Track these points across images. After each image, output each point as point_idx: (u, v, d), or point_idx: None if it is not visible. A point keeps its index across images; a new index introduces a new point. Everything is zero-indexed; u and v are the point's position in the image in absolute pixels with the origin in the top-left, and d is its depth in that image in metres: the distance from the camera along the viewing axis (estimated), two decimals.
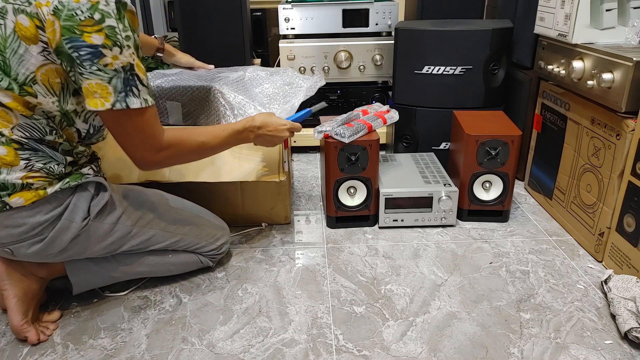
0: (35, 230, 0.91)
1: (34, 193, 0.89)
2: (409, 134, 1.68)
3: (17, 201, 0.88)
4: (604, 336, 0.99)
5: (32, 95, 0.85)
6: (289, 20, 1.82)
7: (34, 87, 0.85)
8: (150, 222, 1.06)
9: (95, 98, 0.84)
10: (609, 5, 1.22)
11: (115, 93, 0.84)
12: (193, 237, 1.13)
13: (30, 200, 0.89)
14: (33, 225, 0.90)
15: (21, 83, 0.84)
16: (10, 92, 0.84)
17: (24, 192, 0.88)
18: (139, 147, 0.91)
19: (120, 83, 0.84)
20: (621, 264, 1.14)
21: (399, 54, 1.60)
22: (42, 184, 0.90)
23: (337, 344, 0.98)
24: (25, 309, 1.01)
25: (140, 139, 0.90)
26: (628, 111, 1.10)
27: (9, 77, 0.83)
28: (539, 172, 1.52)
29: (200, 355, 0.96)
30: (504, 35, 1.53)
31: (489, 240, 1.34)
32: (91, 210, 0.96)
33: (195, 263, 1.17)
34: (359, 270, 1.22)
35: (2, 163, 0.86)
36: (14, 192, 0.88)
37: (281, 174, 1.29)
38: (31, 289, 1.02)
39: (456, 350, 0.96)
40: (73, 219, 0.94)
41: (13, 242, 0.91)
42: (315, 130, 1.33)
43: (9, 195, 0.87)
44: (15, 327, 0.99)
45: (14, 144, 0.87)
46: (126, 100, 0.85)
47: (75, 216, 0.94)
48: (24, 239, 0.91)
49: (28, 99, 0.85)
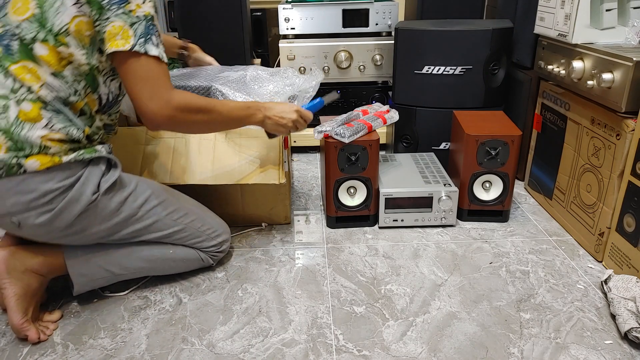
0: (45, 198, 0.92)
1: (50, 158, 0.91)
2: (409, 134, 1.68)
3: (33, 164, 0.90)
4: (604, 336, 0.99)
5: (65, 46, 0.91)
6: (289, 20, 1.82)
7: (67, 39, 0.91)
8: (156, 208, 1.07)
9: (117, 40, 0.91)
10: (609, 5, 1.22)
11: (136, 37, 0.91)
12: (195, 230, 1.14)
13: (45, 165, 0.91)
14: (44, 192, 0.92)
15: (55, 33, 0.90)
16: (45, 44, 0.91)
17: (41, 155, 0.91)
18: (151, 98, 0.94)
19: (142, 29, 0.92)
20: (621, 264, 1.14)
21: (399, 54, 1.60)
22: (59, 150, 0.93)
23: (337, 344, 0.98)
24: (25, 307, 1.00)
25: (153, 88, 0.94)
26: (628, 111, 1.10)
27: (44, 28, 0.90)
28: (539, 172, 1.52)
29: (200, 355, 0.96)
30: (504, 35, 1.53)
31: (489, 240, 1.34)
32: (101, 185, 0.98)
33: (196, 260, 1.17)
34: (359, 270, 1.22)
35: (25, 118, 0.90)
36: (31, 154, 0.90)
37: (281, 176, 1.29)
38: (31, 287, 1.02)
39: (456, 350, 0.96)
40: (84, 192, 0.96)
41: (22, 211, 0.92)
42: (315, 130, 1.33)
43: (26, 157, 0.90)
44: (15, 326, 0.99)
45: (39, 102, 0.91)
46: (145, 46, 0.92)
47: (86, 189, 0.96)
48: (33, 206, 0.92)
49: (61, 49, 0.91)
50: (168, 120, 0.97)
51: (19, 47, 0.91)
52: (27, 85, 0.91)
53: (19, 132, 0.89)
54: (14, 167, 0.89)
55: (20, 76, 0.91)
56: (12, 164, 0.89)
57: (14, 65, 0.91)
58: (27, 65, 0.91)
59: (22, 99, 0.90)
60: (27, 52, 0.91)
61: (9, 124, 0.89)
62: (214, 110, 1.04)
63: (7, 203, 0.91)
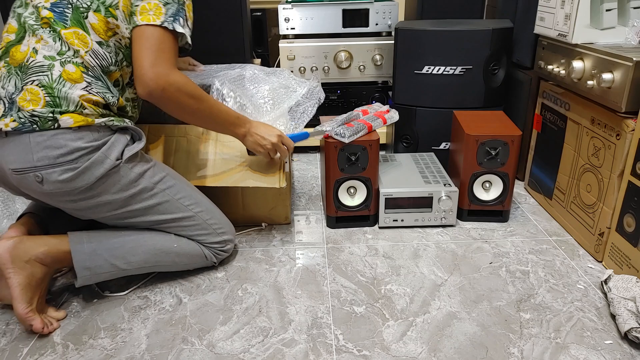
0: (72, 155, 0.97)
1: (83, 118, 0.98)
2: (409, 134, 1.68)
3: (67, 121, 0.96)
4: (604, 336, 0.99)
5: (114, 17, 1.00)
6: (289, 20, 1.82)
7: (116, 12, 1.00)
8: (170, 188, 1.11)
9: (149, 15, 1.00)
10: (609, 5, 1.22)
11: (167, 15, 1.00)
12: (202, 221, 1.15)
13: (78, 124, 0.97)
14: (72, 149, 0.96)
15: (108, 5, 1.00)
16: (98, 14, 1.00)
17: (75, 114, 0.97)
18: (153, 65, 0.99)
19: (173, 9, 1.02)
20: (621, 264, 1.14)
21: (399, 54, 1.61)
22: (92, 112, 0.99)
23: (337, 344, 0.98)
24: (30, 297, 1.01)
25: (159, 57, 1.00)
26: (628, 111, 1.10)
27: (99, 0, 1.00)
28: (539, 172, 1.52)
29: (200, 355, 0.96)
30: (504, 35, 1.53)
31: (489, 240, 1.34)
32: (125, 153, 1.03)
33: (199, 257, 1.17)
34: (359, 270, 1.22)
35: (68, 77, 0.97)
36: (67, 111, 0.96)
37: (282, 180, 1.29)
38: (35, 277, 1.02)
39: (456, 350, 0.96)
40: (108, 155, 1.00)
41: (48, 166, 0.96)
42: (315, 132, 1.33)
43: (61, 114, 0.96)
44: (20, 315, 1.00)
45: (82, 66, 0.99)
46: (173, 23, 1.01)
47: (111, 153, 1.01)
48: (59, 162, 0.96)
49: (110, 20, 1.00)
50: (160, 91, 1.00)
51: (72, 14, 0.99)
52: (75, 49, 0.98)
53: (60, 88, 0.96)
54: (49, 121, 0.95)
55: (69, 40, 0.98)
56: (47, 118, 0.95)
57: (65, 30, 0.98)
58: (78, 31, 0.99)
59: (67, 61, 0.98)
60: (80, 19, 0.99)
61: (52, 80, 0.97)
62: (205, 103, 1.08)
63: (36, 157, 0.95)
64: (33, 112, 0.95)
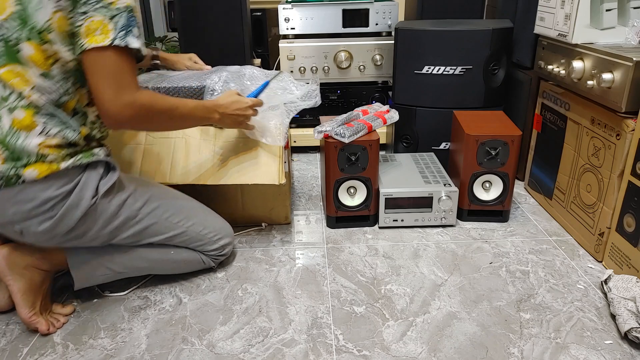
0: (46, 206, 0.92)
1: (48, 166, 0.91)
2: (409, 134, 1.68)
3: (32, 173, 0.89)
4: (604, 336, 0.99)
5: (49, 43, 0.88)
6: (289, 20, 1.82)
7: (50, 35, 0.88)
8: (155, 210, 1.07)
9: (96, 35, 0.86)
10: (609, 5, 1.22)
11: (116, 30, 0.87)
12: (195, 233, 1.13)
13: (43, 174, 0.90)
14: (44, 200, 0.92)
15: (39, 30, 0.87)
16: (31, 42, 0.88)
17: (38, 164, 0.90)
18: (116, 96, 0.89)
19: (122, 20, 0.88)
20: (621, 264, 1.14)
21: (399, 54, 1.60)
22: (56, 157, 0.92)
23: (337, 344, 0.98)
24: (32, 301, 1.02)
25: (120, 85, 0.89)
26: (628, 111, 1.10)
27: (27, 26, 0.88)
28: (539, 172, 1.52)
29: (200, 355, 0.96)
30: (504, 35, 1.53)
31: (489, 240, 1.34)
32: (99, 188, 0.98)
33: (197, 262, 1.17)
34: (359, 270, 1.22)
35: (20, 126, 0.89)
36: (29, 163, 0.89)
37: (281, 177, 1.29)
38: (35, 282, 1.03)
39: (456, 350, 0.96)
40: (82, 196, 0.95)
41: (23, 219, 0.92)
42: (315, 130, 1.33)
43: (24, 167, 0.89)
44: (24, 320, 1.01)
45: (31, 108, 0.90)
46: (126, 38, 0.88)
47: (85, 193, 0.96)
48: (34, 214, 0.92)
49: (46, 47, 0.89)
50: (130, 120, 0.93)
51: (3, 49, 0.89)
52: (18, 90, 0.89)
53: (15, 141, 0.88)
54: (13, 178, 0.89)
55: (9, 81, 0.89)
56: (10, 175, 0.89)
57: (2, 70, 0.89)
58: (14, 68, 0.89)
59: (13, 107, 0.89)
60: (13, 54, 0.89)
61: (4, 134, 0.89)
62: (177, 109, 1.01)
63: (9, 212, 0.91)
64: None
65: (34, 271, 1.03)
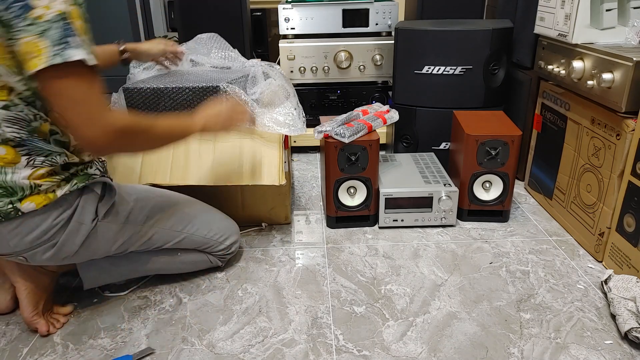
0: (46, 235, 0.91)
1: (44, 197, 0.89)
2: (409, 134, 1.68)
3: (29, 206, 0.87)
4: (604, 336, 0.99)
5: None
6: (289, 20, 1.82)
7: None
8: (159, 221, 1.07)
9: (32, 59, 0.74)
10: (609, 5, 1.22)
11: (52, 46, 0.74)
12: (201, 237, 1.13)
13: (41, 204, 0.88)
14: (44, 230, 0.90)
15: None
16: None
17: (34, 196, 0.88)
18: (89, 124, 0.79)
19: (57, 33, 0.74)
20: (621, 264, 1.14)
21: (399, 54, 1.60)
22: (51, 185, 0.89)
23: (337, 344, 0.98)
24: (35, 301, 1.02)
25: (89, 112, 0.79)
26: (628, 111, 1.10)
27: None
28: (539, 172, 1.52)
29: (200, 355, 0.96)
30: (504, 35, 1.53)
31: (489, 240, 1.34)
32: (99, 211, 0.96)
33: (204, 262, 1.18)
34: (359, 270, 1.22)
35: (4, 163, 0.85)
36: (24, 196, 0.87)
37: (281, 177, 1.29)
38: (41, 283, 1.04)
39: (456, 350, 0.96)
40: (82, 221, 0.94)
41: (26, 250, 0.91)
42: (315, 130, 1.33)
43: (20, 201, 0.87)
44: (26, 319, 1.02)
45: (9, 142, 0.85)
46: (64, 52, 0.74)
47: (85, 218, 0.94)
48: (36, 245, 0.91)
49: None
50: (110, 146, 0.83)
51: None
52: None
53: (4, 178, 0.86)
54: (11, 212, 0.87)
55: None
56: (8, 210, 0.86)
57: None
58: None
59: None
60: None
61: None
62: (154, 128, 0.90)
63: (11, 244, 0.90)
64: None
65: (42, 272, 1.04)
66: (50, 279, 1.06)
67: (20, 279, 1.01)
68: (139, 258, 1.10)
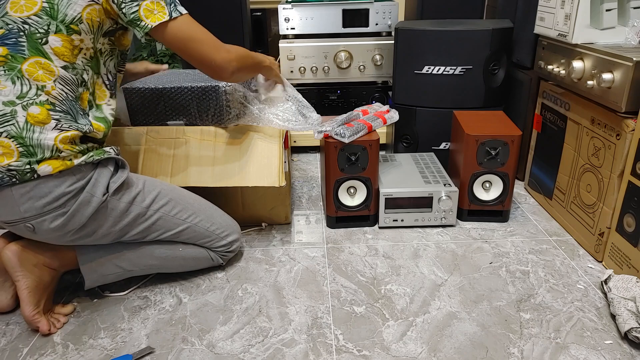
0: (58, 202, 0.93)
1: (61, 162, 0.92)
2: (409, 134, 1.68)
3: (46, 169, 0.91)
4: (604, 336, 0.99)
5: (77, 33, 0.95)
6: (289, 20, 1.82)
7: (80, 26, 0.95)
8: (164, 207, 1.08)
9: (155, 14, 0.97)
10: (609, 5, 1.22)
11: (168, 5, 0.98)
12: (203, 230, 1.14)
13: (57, 169, 0.92)
14: (57, 196, 0.93)
15: (68, 23, 0.93)
16: (59, 34, 0.93)
17: (53, 160, 0.92)
18: (216, 51, 1.03)
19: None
20: (621, 264, 1.14)
21: (399, 54, 1.60)
22: (69, 153, 0.94)
23: (337, 344, 0.98)
24: (37, 299, 1.02)
25: (211, 43, 1.03)
26: (628, 111, 1.10)
27: (55, 20, 0.93)
28: (539, 172, 1.52)
29: (200, 355, 0.96)
30: (504, 35, 1.53)
31: (489, 240, 1.34)
32: (110, 186, 0.99)
33: (205, 259, 1.18)
34: (359, 270, 1.22)
35: (34, 121, 0.91)
36: (43, 159, 0.91)
37: (281, 178, 1.29)
38: (43, 280, 1.04)
39: (456, 350, 0.96)
40: (94, 193, 0.97)
41: (36, 215, 0.93)
42: (315, 130, 1.33)
43: (38, 162, 0.90)
44: (27, 317, 1.01)
45: (48, 104, 0.92)
46: (177, 8, 1.00)
47: (97, 190, 0.97)
48: (47, 210, 0.93)
49: (74, 37, 0.95)
50: (236, 67, 1.06)
51: (28, 43, 0.92)
52: (40, 84, 0.92)
53: (30, 136, 0.90)
54: (28, 173, 0.90)
55: (33, 76, 0.92)
56: (25, 170, 0.89)
57: (26, 64, 0.92)
58: (40, 60, 0.93)
59: (29, 103, 0.91)
60: (38, 47, 0.92)
61: (20, 129, 0.90)
62: (250, 55, 1.15)
63: (21, 209, 0.92)
64: (9, 167, 0.89)
65: (44, 269, 1.04)
66: (52, 277, 1.06)
67: (22, 276, 1.01)
68: (140, 252, 1.09)
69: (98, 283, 1.10)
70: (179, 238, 1.12)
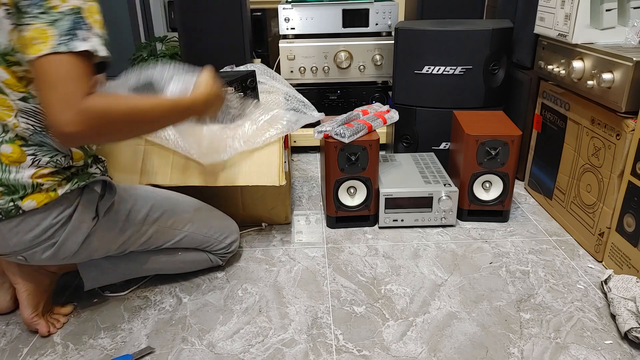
0: (46, 234, 0.90)
1: (45, 195, 0.88)
2: (409, 134, 1.68)
3: (30, 204, 0.87)
4: (604, 336, 0.99)
5: (17, 64, 0.81)
6: (289, 20, 1.82)
7: (17, 56, 0.80)
8: (158, 220, 1.07)
9: (35, 44, 0.74)
10: (609, 5, 1.22)
11: (59, 35, 0.75)
12: (201, 236, 1.14)
13: (42, 202, 0.88)
14: (44, 229, 0.90)
15: (3, 53, 0.80)
16: (2, 67, 0.81)
17: (36, 194, 0.87)
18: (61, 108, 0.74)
19: (67, 23, 0.75)
20: (621, 264, 1.14)
21: (399, 54, 1.60)
22: (52, 184, 0.89)
23: (337, 344, 0.98)
24: (36, 302, 1.02)
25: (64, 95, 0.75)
26: (628, 111, 1.10)
27: None
28: (539, 172, 1.52)
29: (200, 355, 0.96)
30: (504, 35, 1.53)
31: (489, 240, 1.34)
32: (99, 209, 0.96)
33: (205, 261, 1.18)
34: (359, 270, 1.22)
35: (9, 161, 0.85)
36: (26, 194, 0.87)
37: (281, 178, 1.29)
38: (42, 284, 1.04)
39: (456, 350, 0.96)
40: (83, 220, 0.93)
41: (26, 249, 0.91)
42: (315, 130, 1.33)
43: (22, 199, 0.86)
44: (26, 320, 1.01)
45: (18, 140, 0.86)
46: (70, 43, 0.75)
47: (85, 216, 0.94)
48: (36, 243, 0.91)
49: (15, 68, 0.81)
50: (83, 132, 0.76)
51: None
52: (1, 123, 0.85)
53: (7, 176, 0.86)
54: (12, 210, 0.86)
55: None
56: (9, 208, 0.86)
57: None
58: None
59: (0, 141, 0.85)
60: None
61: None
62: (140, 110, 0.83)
63: (10, 243, 0.90)
64: None
65: (43, 273, 1.04)
66: (51, 280, 1.06)
67: (21, 280, 1.01)
68: (139, 258, 1.10)
69: (98, 284, 1.10)
70: (178, 245, 1.12)
